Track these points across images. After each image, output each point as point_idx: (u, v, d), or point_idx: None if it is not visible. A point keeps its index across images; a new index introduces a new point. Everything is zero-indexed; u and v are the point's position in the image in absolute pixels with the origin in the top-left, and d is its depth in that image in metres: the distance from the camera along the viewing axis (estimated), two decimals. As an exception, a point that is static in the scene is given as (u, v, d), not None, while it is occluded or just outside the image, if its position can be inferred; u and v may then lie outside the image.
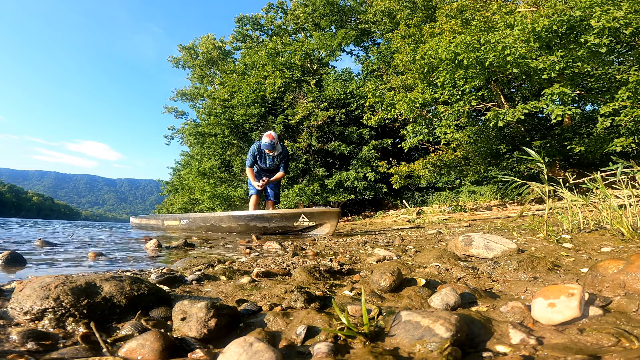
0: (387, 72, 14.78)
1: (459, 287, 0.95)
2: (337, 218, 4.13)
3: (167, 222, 5.86)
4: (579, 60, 6.45)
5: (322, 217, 4.10)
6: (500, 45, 6.70)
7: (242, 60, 20.70)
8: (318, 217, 4.11)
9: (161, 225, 6.01)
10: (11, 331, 0.66)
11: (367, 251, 1.99)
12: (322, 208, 4.25)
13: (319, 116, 15.82)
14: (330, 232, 4.05)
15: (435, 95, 9.05)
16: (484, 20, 7.78)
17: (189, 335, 0.67)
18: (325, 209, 4.19)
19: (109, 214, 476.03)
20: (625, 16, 5.89)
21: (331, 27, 20.03)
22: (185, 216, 5.42)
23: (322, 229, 4.12)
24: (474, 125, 10.69)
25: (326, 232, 4.07)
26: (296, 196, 14.94)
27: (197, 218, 5.15)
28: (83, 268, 1.61)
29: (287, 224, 4.21)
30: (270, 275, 1.24)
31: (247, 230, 4.46)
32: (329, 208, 4.26)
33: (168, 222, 5.82)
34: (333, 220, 4.09)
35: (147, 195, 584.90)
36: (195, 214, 5.57)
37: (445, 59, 7.37)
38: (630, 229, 1.53)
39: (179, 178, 25.57)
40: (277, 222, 4.26)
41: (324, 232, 4.08)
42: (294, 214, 4.18)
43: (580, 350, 0.56)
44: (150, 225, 6.48)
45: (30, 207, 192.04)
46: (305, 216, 4.12)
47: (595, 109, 8.12)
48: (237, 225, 4.55)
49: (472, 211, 8.64)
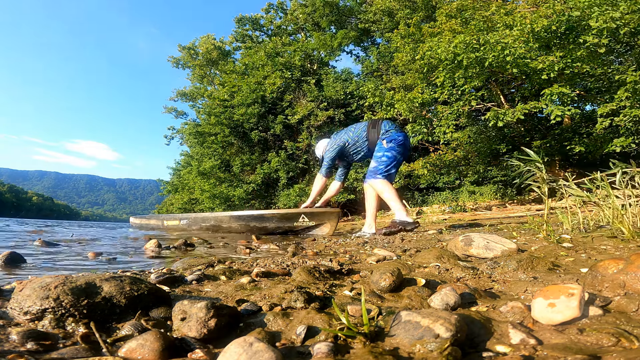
0: (387, 72, 14.78)
1: (458, 287, 0.95)
2: (337, 218, 4.12)
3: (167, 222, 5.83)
4: (578, 60, 6.46)
5: (322, 217, 4.10)
6: (500, 45, 6.70)
7: (242, 60, 20.71)
8: (318, 217, 4.10)
9: (161, 225, 5.99)
10: (11, 331, 0.66)
11: (367, 251, 1.99)
12: (322, 208, 4.24)
13: (318, 116, 15.81)
14: (330, 232, 4.05)
15: (435, 95, 9.06)
16: (483, 20, 7.78)
17: (189, 335, 0.67)
18: (326, 209, 4.18)
19: (109, 214, 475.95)
20: (623, 16, 5.90)
21: (331, 27, 20.02)
22: (185, 216, 5.39)
23: (322, 228, 4.11)
24: (473, 125, 10.69)
25: (326, 232, 4.06)
26: (296, 196, 14.93)
27: (197, 218, 5.12)
28: (83, 268, 1.61)
29: (287, 224, 4.19)
30: (270, 275, 1.24)
31: (247, 230, 4.45)
32: (329, 208, 4.25)
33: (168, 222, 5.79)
34: (333, 220, 4.08)
35: (147, 195, 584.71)
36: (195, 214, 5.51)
37: (445, 59, 7.37)
38: (630, 229, 1.54)
39: (179, 178, 25.57)
40: (277, 222, 4.25)
41: (324, 232, 4.07)
42: (294, 213, 4.17)
43: (580, 350, 0.56)
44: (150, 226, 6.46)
45: (30, 207, 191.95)
46: (305, 216, 4.11)
47: (594, 109, 8.13)
48: (237, 225, 4.54)
49: (472, 211, 8.64)
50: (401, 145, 3.59)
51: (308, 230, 4.17)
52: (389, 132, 3.60)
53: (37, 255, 2.03)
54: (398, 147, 3.57)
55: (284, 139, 17.17)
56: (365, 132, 3.73)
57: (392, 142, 3.56)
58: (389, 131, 3.61)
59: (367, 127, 3.74)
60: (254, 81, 17.21)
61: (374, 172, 3.56)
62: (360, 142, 3.77)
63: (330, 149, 3.91)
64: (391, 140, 3.56)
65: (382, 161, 3.55)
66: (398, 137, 3.58)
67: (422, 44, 8.72)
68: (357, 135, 3.77)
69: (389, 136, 3.58)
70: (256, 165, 17.28)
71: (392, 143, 3.56)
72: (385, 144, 3.56)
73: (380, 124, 3.68)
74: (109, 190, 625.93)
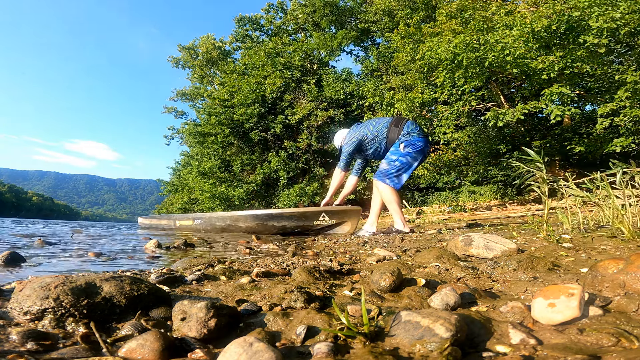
0: (387, 72, 14.79)
1: (458, 287, 0.95)
2: (358, 216, 3.98)
3: (179, 222, 5.58)
4: (578, 60, 6.47)
5: (343, 215, 3.95)
6: (500, 45, 6.70)
7: (242, 60, 20.72)
8: (339, 216, 3.94)
9: (173, 226, 5.73)
10: (11, 331, 0.66)
11: (367, 251, 1.99)
12: (344, 206, 4.08)
13: (318, 116, 15.81)
14: (351, 230, 3.90)
15: (435, 95, 9.07)
16: (483, 20, 7.78)
17: (189, 335, 0.67)
18: (347, 207, 4.04)
19: (109, 214, 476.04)
20: (623, 16, 5.90)
21: (331, 27, 20.03)
22: (199, 216, 5.15)
23: (343, 227, 3.96)
24: (473, 125, 10.70)
25: (347, 230, 3.92)
26: (296, 196, 14.94)
27: (213, 218, 4.87)
28: (83, 268, 1.61)
29: (306, 222, 4.02)
30: (270, 275, 1.24)
31: (265, 229, 4.26)
32: (349, 206, 4.11)
33: (181, 222, 5.54)
34: (354, 218, 3.94)
35: (147, 195, 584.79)
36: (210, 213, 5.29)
37: (445, 59, 7.38)
38: (630, 229, 1.54)
39: (179, 178, 25.58)
40: (297, 221, 4.08)
41: (345, 231, 3.93)
42: (314, 212, 4.00)
43: (580, 350, 0.56)
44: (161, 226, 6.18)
45: (30, 207, 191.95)
46: (325, 214, 3.94)
47: (594, 109, 8.14)
48: (255, 225, 4.33)
49: (472, 211, 8.64)
50: (419, 152, 3.38)
51: (328, 229, 4.01)
52: (410, 135, 3.37)
53: (37, 255, 2.03)
54: (415, 153, 3.36)
55: (284, 139, 17.18)
56: (387, 130, 3.48)
57: (409, 147, 3.33)
58: (411, 134, 3.37)
59: (389, 124, 3.49)
60: (254, 81, 17.22)
61: (384, 174, 3.38)
62: (379, 138, 3.52)
63: (349, 142, 3.64)
64: (410, 144, 3.33)
65: (395, 165, 3.35)
66: (418, 143, 3.35)
67: (422, 44, 8.73)
68: (377, 131, 3.52)
69: (409, 140, 3.35)
70: (256, 165, 17.29)
71: (410, 148, 3.33)
72: (402, 148, 3.34)
73: (403, 123, 3.44)
74: (109, 190, 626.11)
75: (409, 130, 3.40)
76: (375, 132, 3.54)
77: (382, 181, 3.40)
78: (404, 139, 3.38)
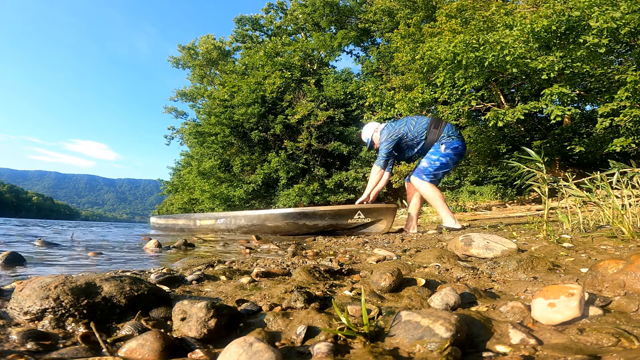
0: (387, 72, 14.79)
1: (458, 287, 0.95)
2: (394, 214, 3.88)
3: (200, 221, 5.21)
4: (578, 60, 6.46)
5: (379, 213, 3.84)
6: (500, 45, 6.70)
7: (241, 60, 20.73)
8: (375, 214, 3.83)
9: (192, 226, 5.34)
10: (11, 331, 0.66)
11: (367, 251, 1.99)
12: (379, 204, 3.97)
13: (318, 116, 15.81)
14: (386, 229, 3.82)
15: (435, 95, 9.06)
16: (483, 20, 7.78)
17: (189, 335, 0.67)
18: (382, 205, 3.93)
19: (109, 214, 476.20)
20: (623, 16, 5.89)
21: (331, 27, 20.04)
22: (223, 215, 4.85)
23: (378, 225, 3.85)
24: (473, 125, 10.70)
25: (382, 228, 3.82)
26: (296, 196, 14.93)
27: (238, 217, 4.58)
28: (83, 268, 1.61)
29: (340, 221, 3.89)
30: (270, 275, 1.24)
31: (296, 229, 4.08)
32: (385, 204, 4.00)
33: (202, 221, 5.18)
34: (390, 216, 3.83)
35: (147, 195, 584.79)
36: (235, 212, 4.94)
37: (445, 59, 7.37)
38: (630, 229, 1.54)
39: (179, 178, 25.59)
40: (330, 219, 3.91)
41: (380, 229, 3.83)
42: (349, 210, 3.86)
43: (580, 350, 0.56)
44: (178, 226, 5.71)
45: (30, 207, 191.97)
46: (361, 212, 3.82)
47: (594, 109, 8.14)
48: (285, 224, 4.11)
49: (472, 211, 8.64)
50: (458, 155, 3.45)
51: (363, 227, 3.89)
52: (452, 138, 3.42)
53: (37, 255, 2.03)
54: (455, 155, 3.43)
55: (284, 139, 17.18)
56: (426, 131, 3.51)
57: (450, 149, 3.39)
58: (452, 137, 3.43)
59: (428, 126, 3.52)
60: (254, 81, 17.23)
61: (422, 171, 3.42)
62: (418, 139, 3.53)
63: (388, 138, 3.58)
64: (450, 147, 3.39)
65: (435, 165, 3.40)
66: (459, 146, 3.43)
67: (422, 44, 8.73)
68: (417, 131, 3.53)
69: (450, 142, 3.40)
70: (256, 165, 17.30)
71: (451, 150, 3.39)
72: (443, 149, 3.40)
73: (443, 126, 3.49)
74: (109, 190, 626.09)
75: (450, 133, 3.46)
76: (415, 132, 3.55)
77: (420, 178, 3.44)
78: (444, 140, 3.43)
